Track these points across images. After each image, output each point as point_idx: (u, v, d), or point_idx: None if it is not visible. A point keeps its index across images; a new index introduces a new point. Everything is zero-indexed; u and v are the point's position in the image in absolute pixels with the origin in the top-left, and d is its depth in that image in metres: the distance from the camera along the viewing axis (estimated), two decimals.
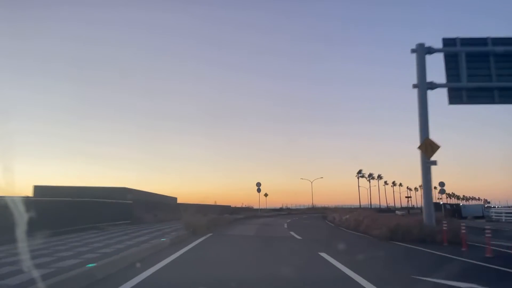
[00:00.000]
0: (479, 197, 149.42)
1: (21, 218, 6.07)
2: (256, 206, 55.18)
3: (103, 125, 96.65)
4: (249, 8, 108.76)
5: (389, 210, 71.64)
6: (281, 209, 71.90)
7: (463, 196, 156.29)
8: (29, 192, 22.02)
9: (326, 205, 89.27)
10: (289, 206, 79.62)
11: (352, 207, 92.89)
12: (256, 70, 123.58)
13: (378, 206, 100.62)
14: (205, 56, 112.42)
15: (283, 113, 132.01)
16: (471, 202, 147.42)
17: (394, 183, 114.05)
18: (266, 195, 48.89)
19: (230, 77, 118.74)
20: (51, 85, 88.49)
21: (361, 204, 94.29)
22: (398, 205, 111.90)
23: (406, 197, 60.87)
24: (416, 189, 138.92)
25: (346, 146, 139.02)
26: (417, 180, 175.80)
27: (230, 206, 40.87)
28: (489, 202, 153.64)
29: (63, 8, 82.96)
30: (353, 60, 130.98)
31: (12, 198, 7.10)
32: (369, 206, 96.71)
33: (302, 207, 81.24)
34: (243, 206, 47.85)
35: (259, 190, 37.48)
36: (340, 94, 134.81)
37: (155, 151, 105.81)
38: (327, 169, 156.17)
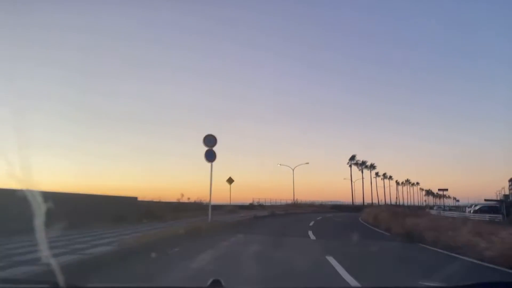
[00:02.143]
0: (449, 195, 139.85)
1: None
2: (216, 201, 32.44)
3: None
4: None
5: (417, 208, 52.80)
6: (252, 206, 49.55)
7: (436, 193, 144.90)
8: None
9: (311, 201, 68.19)
10: (261, 201, 56.74)
11: (342, 204, 72.55)
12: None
13: (370, 202, 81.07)
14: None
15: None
16: (446, 201, 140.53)
17: (385, 175, 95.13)
18: (230, 181, 26.82)
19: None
20: None
21: (354, 200, 73.74)
22: (382, 200, 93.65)
23: (439, 189, 40.52)
24: (403, 183, 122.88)
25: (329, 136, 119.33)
26: (404, 173, 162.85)
27: (136, 198, 16.84)
28: (458, 201, 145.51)
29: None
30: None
31: None
32: (362, 203, 76.82)
33: (279, 203, 59.12)
34: (183, 201, 23.88)
35: (209, 157, 14.02)
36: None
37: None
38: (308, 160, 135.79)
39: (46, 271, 4.36)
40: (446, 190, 40.91)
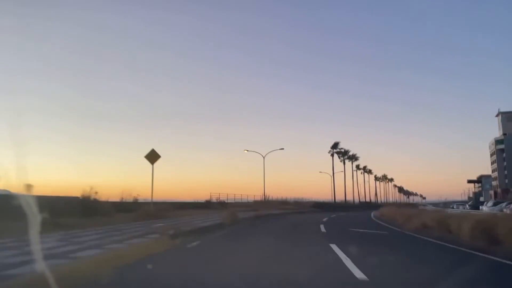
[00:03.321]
0: (416, 192, 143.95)
1: None
2: (155, 198, 18.37)
3: None
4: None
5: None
6: (209, 204, 36.15)
7: (406, 190, 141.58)
8: None
9: (283, 198, 54.93)
10: (223, 198, 43.07)
11: (324, 201, 60.37)
12: None
13: (352, 200, 69.69)
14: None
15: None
16: (414, 198, 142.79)
17: (365, 169, 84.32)
18: (152, 157, 12.06)
19: None
20: None
21: (335, 197, 61.71)
22: (362, 197, 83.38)
23: (468, 181, 29.17)
24: (380, 178, 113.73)
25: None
26: (379, 168, 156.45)
27: None
28: (425, 198, 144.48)
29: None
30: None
31: None
32: (344, 200, 65.04)
33: (246, 201, 45.72)
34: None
35: None
36: None
37: None
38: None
39: None
40: (480, 182, 29.31)
